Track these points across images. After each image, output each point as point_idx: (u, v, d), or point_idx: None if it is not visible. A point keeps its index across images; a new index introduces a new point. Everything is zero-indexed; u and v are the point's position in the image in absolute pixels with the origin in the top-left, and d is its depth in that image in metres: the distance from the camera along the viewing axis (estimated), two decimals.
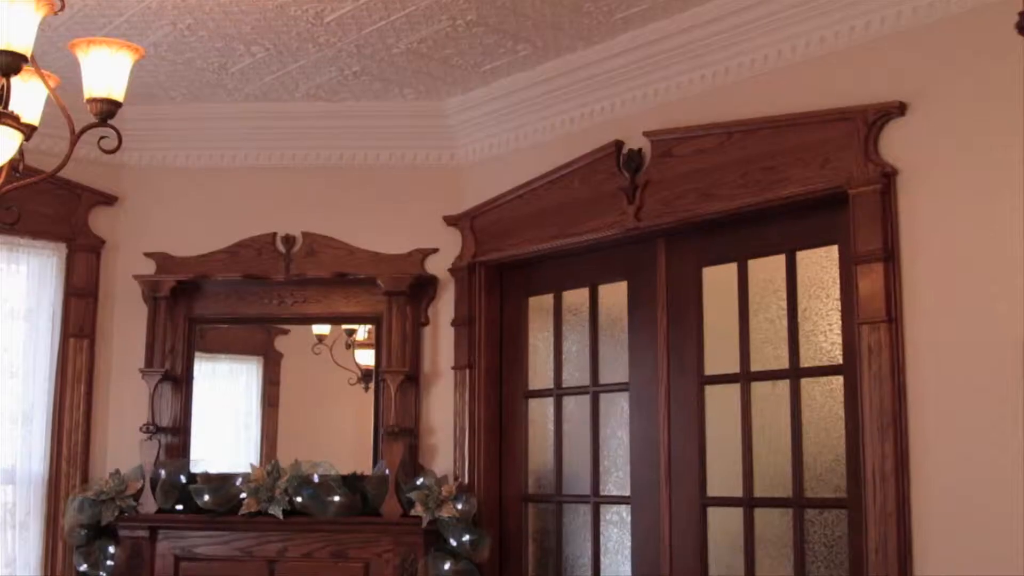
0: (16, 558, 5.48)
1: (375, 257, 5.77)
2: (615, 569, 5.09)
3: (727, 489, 4.65)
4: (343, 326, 5.86)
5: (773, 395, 4.54)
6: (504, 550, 5.50)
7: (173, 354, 5.78)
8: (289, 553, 5.45)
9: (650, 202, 4.86)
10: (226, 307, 5.86)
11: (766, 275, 4.63)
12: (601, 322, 5.29)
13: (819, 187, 4.26)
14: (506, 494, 5.55)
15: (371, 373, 5.79)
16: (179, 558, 5.50)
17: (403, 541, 5.34)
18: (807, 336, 4.46)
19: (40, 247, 5.70)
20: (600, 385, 5.24)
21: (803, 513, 4.38)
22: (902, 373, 3.97)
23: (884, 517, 3.95)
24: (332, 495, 5.37)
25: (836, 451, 4.30)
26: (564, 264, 5.42)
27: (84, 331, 5.76)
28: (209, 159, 5.95)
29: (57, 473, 5.64)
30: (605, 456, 5.19)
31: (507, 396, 5.62)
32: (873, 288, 4.05)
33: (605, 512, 5.17)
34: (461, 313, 5.64)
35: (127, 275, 5.83)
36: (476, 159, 5.75)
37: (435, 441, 5.67)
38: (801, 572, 4.35)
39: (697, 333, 4.81)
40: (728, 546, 4.64)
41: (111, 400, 5.83)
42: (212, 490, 5.45)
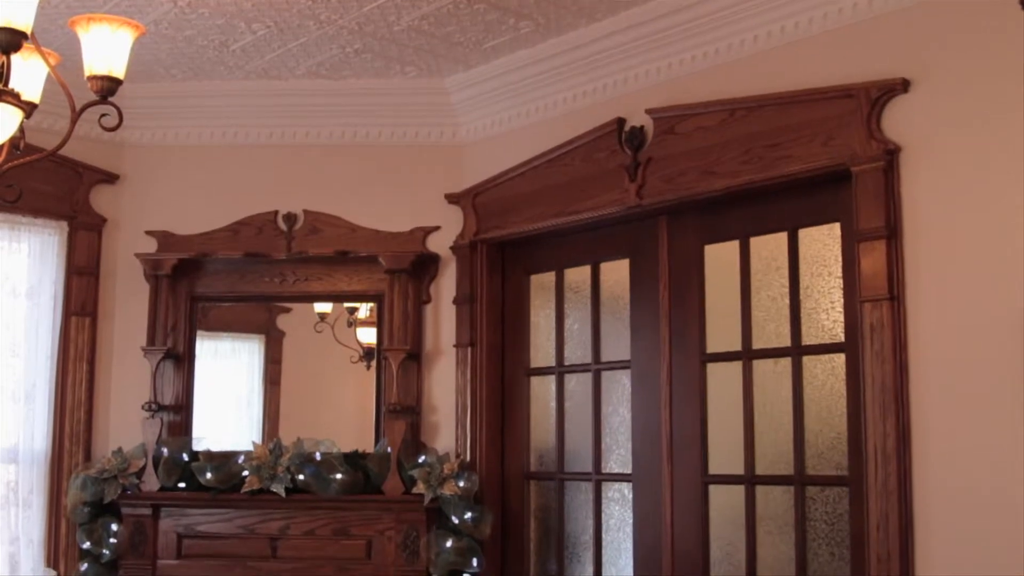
0: (19, 536, 5.50)
1: (377, 235, 5.76)
2: (616, 546, 5.10)
3: (728, 467, 4.66)
4: (345, 304, 5.86)
5: (775, 373, 4.54)
6: (506, 527, 5.52)
7: (175, 332, 5.78)
8: (291, 531, 5.47)
9: (652, 180, 4.85)
10: (228, 285, 5.87)
11: (768, 253, 4.62)
12: (603, 300, 5.29)
13: (822, 164, 4.25)
14: (508, 472, 5.56)
15: (373, 351, 5.79)
16: (182, 536, 5.52)
17: (405, 518, 5.36)
18: (809, 314, 4.46)
19: (41, 225, 5.69)
20: (602, 363, 5.24)
21: (804, 490, 4.39)
22: (904, 351, 3.97)
23: (886, 494, 3.96)
24: (334, 473, 5.38)
25: (837, 429, 4.30)
26: (566, 242, 5.41)
27: (86, 309, 5.76)
28: (210, 137, 5.94)
29: (60, 451, 5.65)
30: (607, 434, 5.20)
31: (509, 374, 5.62)
32: (875, 266, 4.04)
33: (607, 489, 5.18)
34: (463, 291, 5.64)
35: (128, 253, 5.83)
36: (478, 137, 5.73)
37: (437, 419, 5.67)
38: (802, 549, 4.36)
39: (699, 311, 4.80)
40: (729, 523, 4.65)
41: (113, 378, 5.83)
42: (214, 468, 5.47)
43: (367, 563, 5.41)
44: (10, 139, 3.29)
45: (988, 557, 3.72)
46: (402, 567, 5.34)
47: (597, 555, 5.15)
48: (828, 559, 4.31)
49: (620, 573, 5.07)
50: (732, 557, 4.63)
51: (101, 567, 5.50)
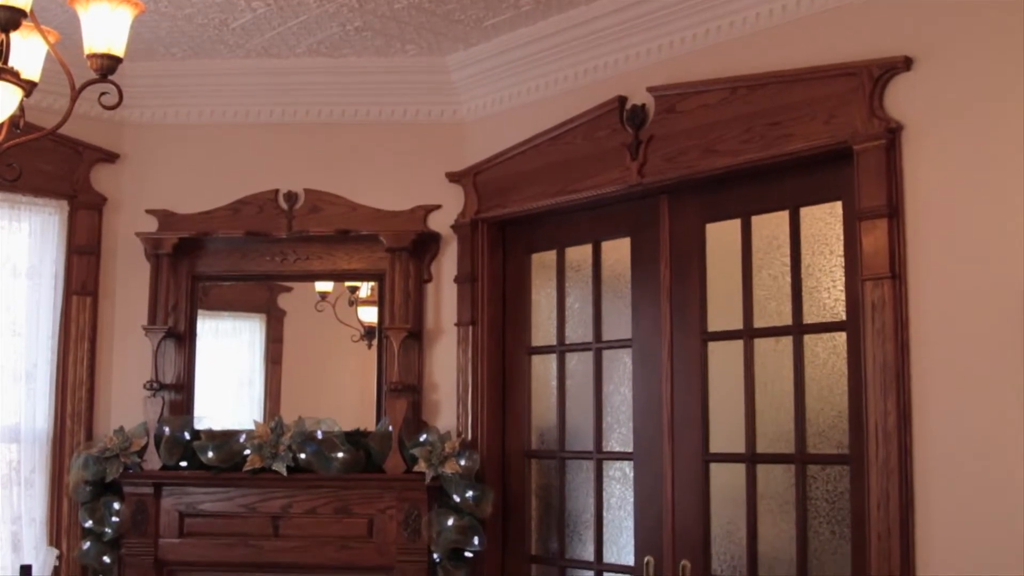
0: (22, 514, 5.51)
1: (377, 214, 5.76)
2: (617, 524, 5.11)
3: (729, 445, 4.66)
4: (346, 283, 5.86)
5: (776, 351, 4.54)
6: (507, 506, 5.53)
7: (176, 311, 5.79)
8: (293, 509, 5.48)
9: (653, 158, 4.84)
10: (228, 264, 5.86)
11: (769, 231, 4.61)
12: (604, 278, 5.28)
13: (823, 143, 4.24)
14: (509, 450, 5.57)
15: (374, 330, 5.79)
16: (183, 514, 5.54)
17: (406, 497, 5.37)
18: (810, 292, 4.45)
19: (42, 204, 5.69)
20: (603, 341, 5.24)
21: (805, 469, 4.39)
22: (905, 329, 3.97)
23: (886, 473, 3.96)
24: (335, 451, 5.39)
25: (839, 407, 4.30)
26: (567, 220, 5.40)
27: (87, 288, 5.75)
28: (210, 116, 5.92)
29: (61, 430, 5.66)
30: (608, 412, 5.20)
31: (510, 353, 5.63)
32: (877, 244, 4.04)
33: (608, 468, 5.18)
34: (464, 270, 5.64)
35: (129, 232, 5.83)
36: (479, 115, 5.72)
37: (438, 398, 5.68)
38: (803, 527, 4.36)
39: (700, 289, 4.80)
40: (730, 502, 4.66)
41: (114, 357, 5.84)
42: (216, 447, 5.48)
43: (368, 541, 5.42)
44: (10, 118, 3.28)
45: (988, 535, 3.73)
46: (403, 545, 5.35)
47: (598, 533, 5.16)
48: (829, 537, 4.32)
49: (621, 551, 5.08)
50: (733, 535, 4.64)
51: (103, 545, 5.52)
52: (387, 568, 5.40)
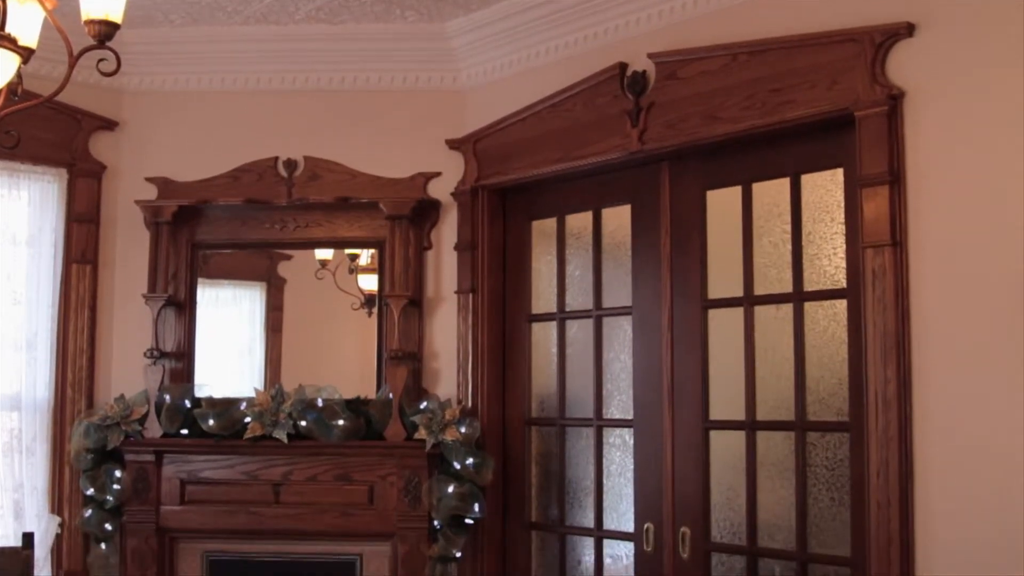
0: (23, 482, 5.53)
1: (377, 181, 5.74)
2: (618, 491, 5.13)
3: (729, 412, 4.67)
4: (346, 251, 5.85)
5: (776, 319, 4.54)
6: (507, 473, 5.54)
7: (176, 279, 5.78)
8: (294, 476, 5.50)
9: (654, 125, 4.83)
10: (228, 232, 5.85)
11: (770, 198, 4.60)
12: (604, 246, 5.27)
13: (825, 109, 4.22)
14: (509, 418, 5.57)
15: (374, 298, 5.79)
16: (185, 482, 5.56)
17: (407, 464, 5.39)
18: (811, 260, 4.45)
19: (41, 172, 5.68)
20: (603, 309, 5.24)
21: (805, 436, 4.40)
22: (906, 297, 3.97)
23: (886, 440, 3.97)
24: (336, 419, 5.40)
25: (839, 375, 4.31)
26: (567, 188, 5.39)
27: (87, 257, 5.75)
28: (209, 83, 5.90)
29: (62, 398, 5.67)
30: (608, 380, 5.21)
31: (510, 320, 5.63)
32: (878, 211, 4.03)
33: (608, 435, 5.19)
34: (464, 237, 5.63)
35: (129, 200, 5.81)
36: (479, 82, 5.69)
37: (438, 365, 5.68)
38: (802, 495, 4.38)
39: (700, 257, 4.79)
40: (730, 469, 4.67)
41: (115, 325, 5.84)
42: (217, 415, 5.49)
43: (369, 508, 5.44)
44: (7, 85, 3.27)
45: (987, 502, 3.74)
46: (404, 512, 5.37)
47: (598, 500, 5.18)
48: (828, 504, 4.33)
49: (621, 518, 5.10)
50: (733, 502, 4.65)
51: (105, 513, 5.54)
52: (388, 535, 5.43)
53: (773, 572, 4.51)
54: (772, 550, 4.50)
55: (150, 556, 5.51)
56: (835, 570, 4.30)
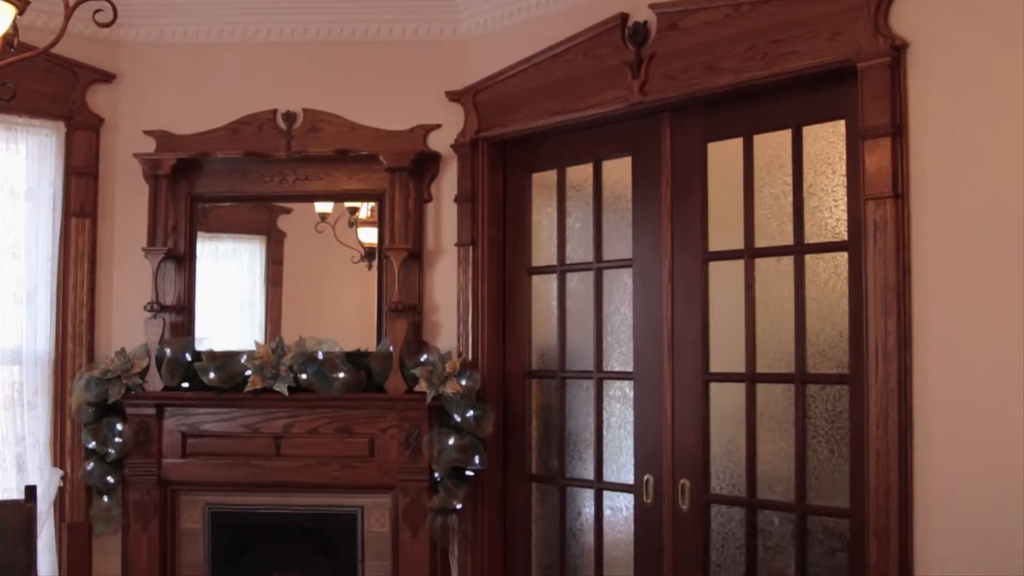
0: (25, 436, 5.54)
1: (377, 133, 5.72)
2: (618, 444, 5.14)
3: (729, 365, 4.67)
4: (345, 204, 5.83)
5: (777, 271, 4.53)
6: (507, 425, 5.56)
7: (175, 233, 5.77)
8: (295, 429, 5.51)
9: (655, 76, 4.79)
10: (227, 185, 5.83)
11: (772, 150, 4.57)
12: (605, 198, 5.25)
13: (827, 61, 4.19)
14: (509, 370, 5.58)
15: (374, 251, 5.78)
16: (186, 435, 5.58)
17: (407, 417, 5.40)
18: (812, 212, 4.43)
19: (39, 126, 5.64)
20: (604, 261, 5.23)
21: (805, 389, 4.40)
22: (907, 249, 3.96)
23: (886, 392, 3.98)
24: (337, 372, 5.40)
25: (839, 327, 4.30)
26: (568, 140, 5.36)
27: (85, 210, 5.74)
28: (207, 35, 5.85)
29: (63, 352, 5.68)
30: (608, 332, 5.21)
31: (510, 273, 5.62)
32: (880, 163, 4.01)
33: (608, 388, 5.20)
34: (464, 189, 5.61)
35: (127, 153, 5.79)
36: (479, 33, 5.65)
37: (439, 318, 5.68)
38: (802, 447, 4.39)
39: (701, 209, 4.78)
40: (730, 421, 4.68)
41: (115, 279, 5.84)
42: (217, 368, 5.49)
43: (370, 461, 5.46)
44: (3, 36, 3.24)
45: (986, 452, 3.75)
46: (405, 464, 5.39)
47: (598, 452, 5.19)
48: (828, 456, 4.34)
49: (621, 470, 5.12)
50: (732, 454, 4.67)
51: (107, 466, 5.57)
52: (389, 487, 5.45)
53: (772, 523, 4.53)
54: (771, 502, 4.52)
55: (152, 508, 5.54)
56: (834, 521, 4.32)
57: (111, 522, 5.61)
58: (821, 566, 4.37)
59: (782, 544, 4.50)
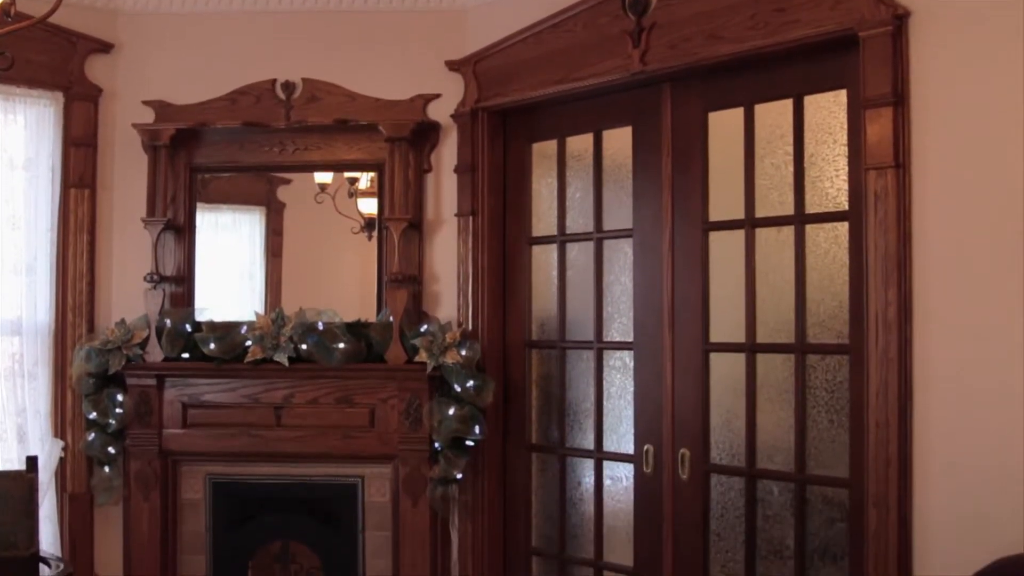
0: (26, 407, 5.55)
1: (376, 103, 5.69)
2: (617, 414, 5.15)
3: (730, 335, 4.67)
4: (345, 174, 5.81)
5: (777, 241, 4.52)
6: (507, 395, 5.57)
7: (175, 203, 5.76)
8: (295, 399, 5.52)
9: (656, 45, 4.77)
10: (227, 155, 5.82)
11: (773, 120, 4.56)
12: (605, 168, 5.24)
13: (829, 29, 4.17)
14: (509, 340, 5.58)
15: (374, 221, 5.77)
16: (187, 405, 5.58)
17: (408, 387, 5.41)
18: (813, 182, 4.42)
19: (37, 96, 5.62)
20: (604, 231, 5.22)
21: (805, 359, 4.41)
22: (908, 219, 3.95)
23: (886, 362, 3.98)
24: (337, 342, 5.40)
25: (839, 297, 4.30)
26: (568, 109, 5.34)
27: (84, 181, 5.72)
28: (205, 4, 5.81)
29: (63, 323, 5.68)
30: (608, 302, 5.21)
31: (510, 243, 5.61)
32: (881, 133, 4.00)
33: (608, 358, 5.20)
34: (464, 159, 5.59)
35: (126, 124, 5.76)
36: (479, 1, 5.61)
37: (439, 288, 5.68)
38: (802, 416, 4.40)
39: (702, 179, 4.76)
40: (730, 391, 4.69)
41: (114, 250, 5.83)
42: (218, 338, 5.49)
43: (370, 431, 5.47)
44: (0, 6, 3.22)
45: (986, 422, 3.76)
46: (405, 434, 5.40)
47: (598, 422, 5.20)
48: (827, 426, 4.35)
49: (621, 440, 5.12)
50: (732, 424, 4.68)
51: (108, 436, 5.58)
52: (389, 457, 5.47)
53: (772, 493, 4.54)
54: (771, 471, 4.53)
55: (153, 479, 5.56)
56: (833, 491, 4.33)
57: (112, 492, 5.63)
58: (820, 535, 4.39)
59: (781, 513, 4.51)
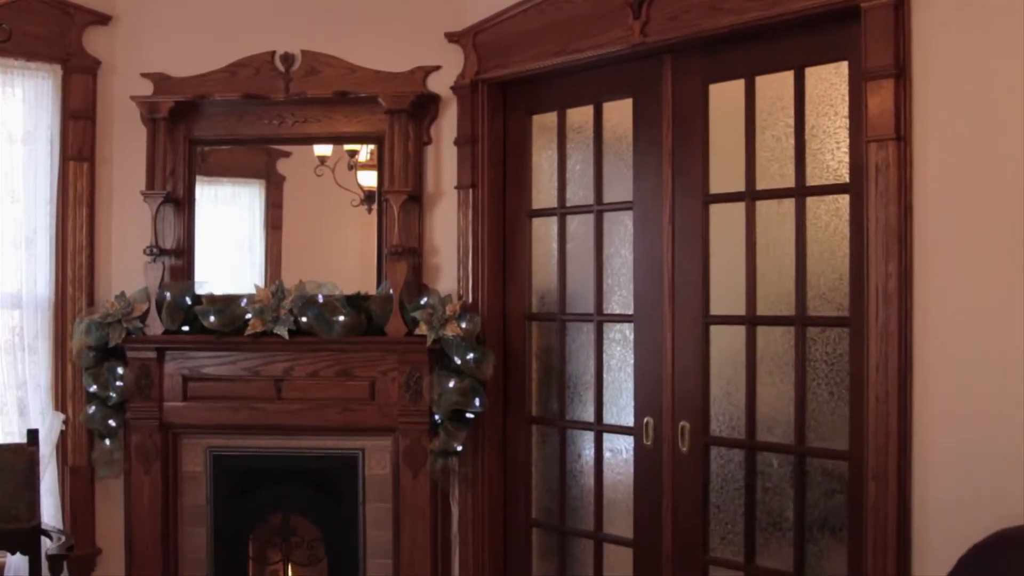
0: (27, 380, 5.56)
1: (376, 75, 5.67)
2: (618, 386, 5.15)
3: (730, 307, 4.67)
4: (345, 147, 5.80)
5: (778, 214, 4.51)
6: (507, 368, 5.57)
7: (174, 176, 5.75)
8: (295, 372, 5.53)
9: (657, 17, 4.75)
10: (226, 128, 5.80)
11: (774, 92, 4.54)
12: (606, 140, 5.22)
13: (831, 0, 4.14)
14: (509, 313, 5.58)
15: (374, 194, 5.75)
16: (187, 378, 5.59)
17: (408, 360, 5.41)
18: (814, 154, 4.41)
19: (35, 69, 5.60)
20: (604, 204, 5.21)
21: (805, 331, 4.41)
22: (909, 192, 3.94)
23: (886, 335, 3.98)
24: (337, 315, 5.40)
25: (840, 270, 4.30)
26: (568, 81, 5.32)
27: (83, 154, 5.71)
28: None
29: (63, 296, 5.68)
30: (608, 275, 5.20)
31: (510, 215, 5.60)
32: (882, 105, 3.98)
33: (608, 330, 5.20)
34: (464, 132, 5.57)
35: (124, 96, 5.74)
36: None
37: (439, 261, 5.67)
38: (802, 389, 4.40)
39: (702, 151, 4.75)
40: (730, 363, 4.69)
41: (114, 223, 5.82)
42: (218, 311, 5.49)
43: (370, 403, 5.48)
44: None
45: (986, 396, 3.76)
46: (405, 407, 5.41)
47: (598, 395, 5.21)
48: (827, 399, 4.35)
49: (621, 412, 5.13)
50: (732, 396, 4.68)
51: (108, 409, 5.58)
52: (389, 429, 5.48)
53: (771, 465, 4.55)
54: (770, 444, 4.54)
55: (154, 452, 5.57)
56: (833, 463, 4.34)
57: (113, 466, 5.64)
58: (819, 507, 4.40)
59: (781, 486, 4.52)
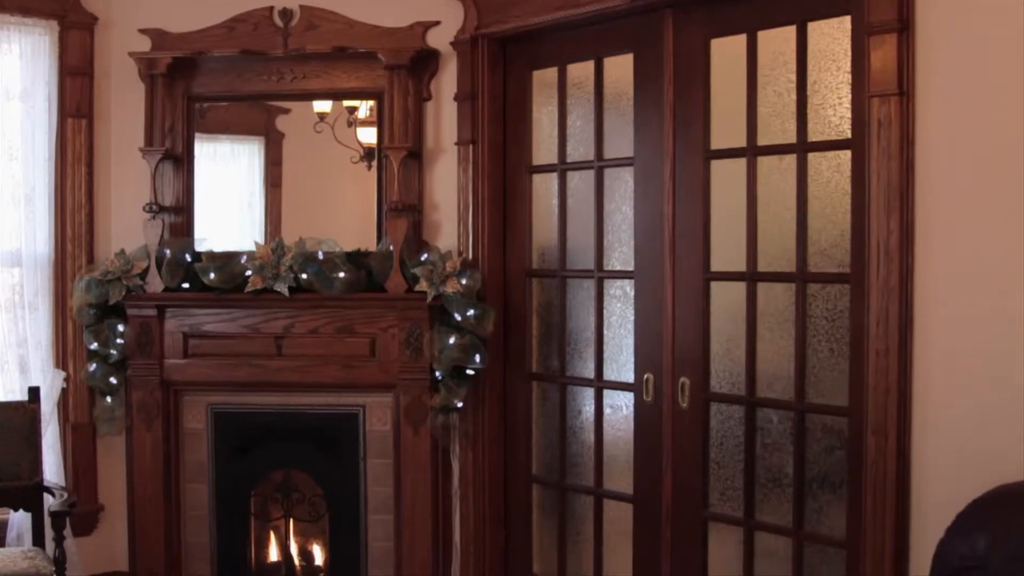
0: (27, 338, 5.57)
1: (375, 30, 5.63)
2: (618, 342, 5.15)
3: (731, 263, 4.66)
4: (344, 103, 5.77)
5: (779, 170, 4.50)
6: (508, 324, 5.57)
7: (173, 133, 5.73)
8: (296, 329, 5.53)
9: None
10: (224, 84, 5.77)
11: (776, 47, 4.50)
12: (606, 96, 5.19)
13: None
14: (510, 269, 5.58)
15: (373, 151, 5.74)
16: (188, 335, 5.60)
17: (408, 316, 5.41)
18: (816, 110, 4.38)
19: (31, 25, 5.57)
20: (604, 160, 5.19)
21: (806, 287, 4.40)
22: (911, 148, 3.92)
23: (887, 291, 3.97)
24: (337, 272, 5.40)
25: (841, 226, 4.28)
26: (569, 36, 5.28)
27: (82, 111, 5.69)
28: None
29: (63, 254, 5.68)
30: (609, 231, 5.19)
31: (511, 171, 5.58)
32: (885, 60, 3.95)
33: (609, 287, 5.20)
34: (464, 88, 5.54)
35: (122, 52, 5.71)
36: None
37: (439, 217, 5.66)
38: (802, 345, 4.40)
39: (704, 107, 4.72)
40: (730, 319, 4.69)
41: (113, 180, 5.81)
42: (217, 268, 5.49)
43: (371, 360, 5.49)
44: None
45: (986, 352, 3.76)
46: (405, 363, 5.42)
47: (598, 351, 5.21)
48: (827, 355, 4.35)
49: (621, 369, 5.14)
50: (732, 352, 4.68)
51: (109, 367, 5.60)
52: (390, 386, 5.49)
53: (771, 421, 4.56)
54: (770, 400, 4.55)
55: (155, 409, 5.59)
56: (832, 419, 4.35)
57: (115, 423, 5.66)
58: (819, 463, 4.41)
59: (781, 441, 4.53)
